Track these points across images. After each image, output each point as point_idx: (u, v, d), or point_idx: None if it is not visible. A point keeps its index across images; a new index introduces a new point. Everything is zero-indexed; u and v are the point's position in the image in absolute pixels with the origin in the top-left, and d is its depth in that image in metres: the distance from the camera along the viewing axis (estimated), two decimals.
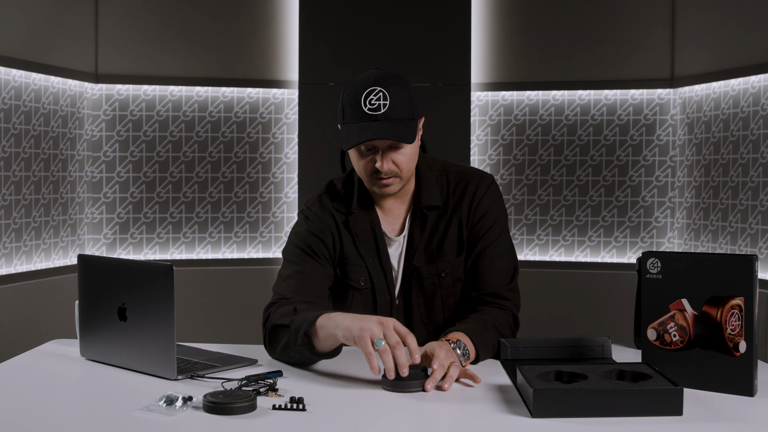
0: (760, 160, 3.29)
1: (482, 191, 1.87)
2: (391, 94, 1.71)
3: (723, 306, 1.43)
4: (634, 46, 3.87)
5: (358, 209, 1.87)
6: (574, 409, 1.29)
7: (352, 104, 1.73)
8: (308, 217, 1.89)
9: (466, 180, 1.89)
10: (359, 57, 3.88)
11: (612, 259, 3.96)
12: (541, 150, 3.99)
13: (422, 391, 1.44)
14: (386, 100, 1.71)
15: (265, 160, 4.02)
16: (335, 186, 1.93)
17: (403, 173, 1.78)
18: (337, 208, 1.88)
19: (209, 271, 3.92)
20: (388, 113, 1.70)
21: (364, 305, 1.89)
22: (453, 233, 1.86)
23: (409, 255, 1.86)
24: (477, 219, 1.86)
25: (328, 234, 1.87)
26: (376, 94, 1.71)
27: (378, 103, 1.71)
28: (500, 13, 3.99)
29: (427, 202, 1.85)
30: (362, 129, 1.71)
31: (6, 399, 1.40)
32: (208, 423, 1.27)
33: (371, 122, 1.70)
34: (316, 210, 1.89)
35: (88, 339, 1.68)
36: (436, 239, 1.86)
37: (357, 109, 1.72)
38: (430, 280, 1.86)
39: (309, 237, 1.86)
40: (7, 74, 3.26)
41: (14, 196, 3.32)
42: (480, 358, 1.67)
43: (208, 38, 3.90)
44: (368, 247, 1.87)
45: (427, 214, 1.86)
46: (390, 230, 1.89)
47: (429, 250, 1.86)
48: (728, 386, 1.43)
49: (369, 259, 1.87)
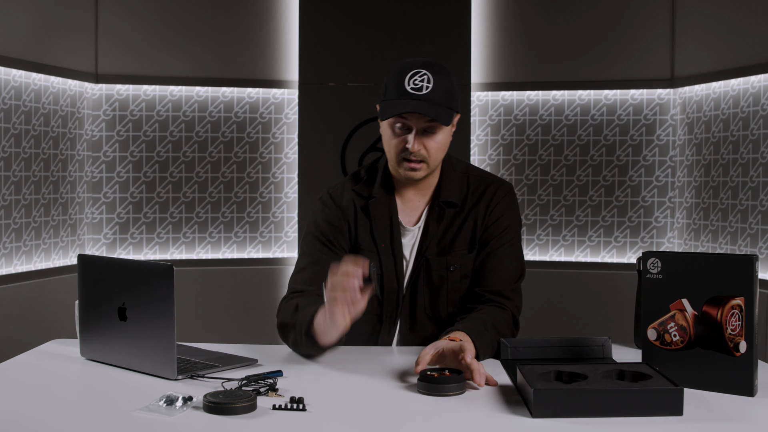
0: (760, 160, 3.29)
1: (500, 196, 1.91)
2: (435, 80, 1.76)
3: (723, 306, 1.43)
4: (634, 46, 3.87)
5: (378, 194, 1.91)
6: (574, 409, 1.29)
7: (396, 83, 1.77)
8: (326, 205, 1.93)
9: (486, 184, 1.93)
10: (359, 57, 3.88)
11: (612, 259, 3.96)
12: (541, 150, 3.99)
13: (461, 394, 1.43)
14: (429, 83, 1.75)
15: (265, 160, 4.02)
16: (359, 173, 1.98)
17: (430, 160, 1.82)
18: (358, 192, 1.92)
19: (209, 271, 3.92)
20: (429, 95, 1.75)
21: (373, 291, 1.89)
22: (467, 231, 1.89)
23: (422, 246, 1.89)
24: (491, 221, 1.89)
25: (344, 222, 1.90)
26: (421, 76, 1.76)
27: (422, 84, 1.75)
28: (500, 13, 3.99)
29: (447, 198, 1.89)
30: (402, 104, 1.75)
31: (6, 399, 1.40)
32: (208, 423, 1.27)
33: (411, 100, 1.74)
34: (336, 196, 1.93)
35: (88, 339, 1.68)
36: (450, 234, 1.89)
37: (400, 87, 1.76)
38: (438, 273, 1.88)
39: (325, 226, 1.90)
40: (7, 74, 3.26)
41: (14, 196, 3.32)
42: (479, 357, 1.68)
43: (208, 38, 3.90)
44: (383, 233, 1.90)
45: (444, 209, 1.89)
46: (407, 221, 1.91)
47: (441, 244, 1.88)
48: (728, 386, 1.43)
49: (382, 244, 1.89)
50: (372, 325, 1.92)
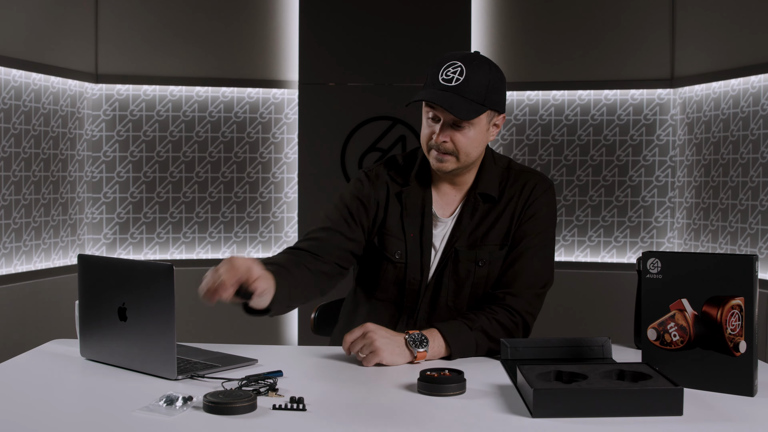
0: (760, 160, 3.29)
1: (539, 192, 1.88)
2: (469, 73, 1.73)
3: (723, 306, 1.43)
4: (634, 46, 3.87)
5: (414, 183, 1.90)
6: (574, 409, 1.29)
7: (431, 73, 1.77)
8: (360, 180, 1.93)
9: (526, 178, 1.90)
10: (359, 57, 3.88)
11: (612, 259, 3.96)
12: (541, 150, 3.99)
13: (461, 394, 1.43)
14: (461, 76, 1.73)
15: (265, 160, 4.02)
16: (397, 160, 1.96)
17: (460, 154, 1.79)
18: (394, 178, 1.91)
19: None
20: (458, 87, 1.73)
21: (395, 279, 1.90)
22: (502, 226, 1.86)
23: (453, 237, 1.87)
24: (527, 218, 1.86)
25: (373, 202, 1.90)
26: (454, 68, 1.74)
27: (453, 76, 1.74)
28: (500, 14, 3.99)
29: (484, 190, 1.87)
30: (425, 92, 1.74)
31: (6, 399, 1.40)
32: (208, 423, 1.27)
33: (436, 90, 1.73)
34: (372, 176, 1.93)
35: (88, 339, 1.68)
36: (483, 228, 1.86)
37: (434, 77, 1.76)
38: (465, 266, 1.86)
39: (351, 200, 1.90)
40: (7, 74, 3.26)
41: (14, 196, 3.32)
42: (452, 356, 1.69)
43: (208, 38, 3.90)
44: (413, 222, 1.88)
45: (480, 201, 1.86)
46: (441, 212, 1.89)
47: (473, 237, 1.86)
48: (728, 386, 1.43)
49: (410, 234, 1.88)
50: (391, 312, 1.91)
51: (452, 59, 1.75)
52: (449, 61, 1.75)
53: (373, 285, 1.94)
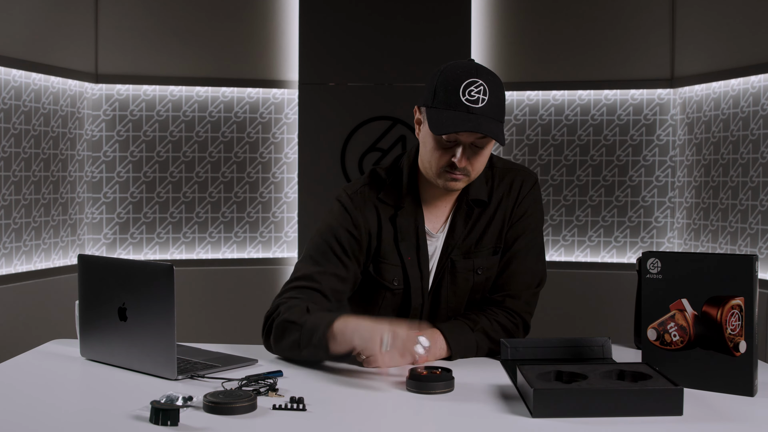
0: (760, 160, 3.29)
1: (526, 189, 1.83)
2: (491, 91, 1.64)
3: (723, 306, 1.43)
4: (634, 46, 3.87)
5: (407, 202, 1.80)
6: (574, 409, 1.29)
7: (449, 90, 1.64)
8: (347, 209, 1.79)
9: (512, 175, 1.84)
10: (359, 57, 3.88)
11: (612, 259, 3.96)
12: (541, 150, 3.99)
13: (449, 392, 1.44)
14: (485, 95, 1.64)
15: (265, 160, 4.02)
16: (379, 175, 1.84)
17: (473, 174, 1.72)
18: (384, 200, 1.80)
19: (209, 271, 3.92)
20: (485, 109, 1.63)
21: (395, 307, 1.84)
22: (494, 229, 1.82)
23: (447, 247, 1.81)
24: (517, 217, 1.82)
25: (365, 232, 1.79)
26: (477, 87, 1.64)
27: (478, 96, 1.63)
28: (500, 14, 3.99)
29: (476, 196, 1.80)
30: (459, 118, 1.62)
31: (6, 399, 1.40)
32: (208, 423, 1.27)
33: (468, 114, 1.63)
34: (358, 202, 1.80)
35: (88, 339, 1.68)
36: (476, 234, 1.81)
37: (454, 96, 1.63)
38: (464, 275, 1.81)
39: (341, 232, 1.77)
40: (7, 74, 3.26)
41: (14, 196, 3.32)
42: (453, 357, 1.69)
43: (208, 38, 3.90)
44: (409, 245, 1.80)
45: (473, 208, 1.81)
46: (432, 227, 1.82)
47: (467, 244, 1.81)
48: (728, 386, 1.43)
49: (408, 257, 1.80)
50: None
51: (470, 76, 1.64)
52: (468, 78, 1.64)
53: (369, 311, 1.85)
